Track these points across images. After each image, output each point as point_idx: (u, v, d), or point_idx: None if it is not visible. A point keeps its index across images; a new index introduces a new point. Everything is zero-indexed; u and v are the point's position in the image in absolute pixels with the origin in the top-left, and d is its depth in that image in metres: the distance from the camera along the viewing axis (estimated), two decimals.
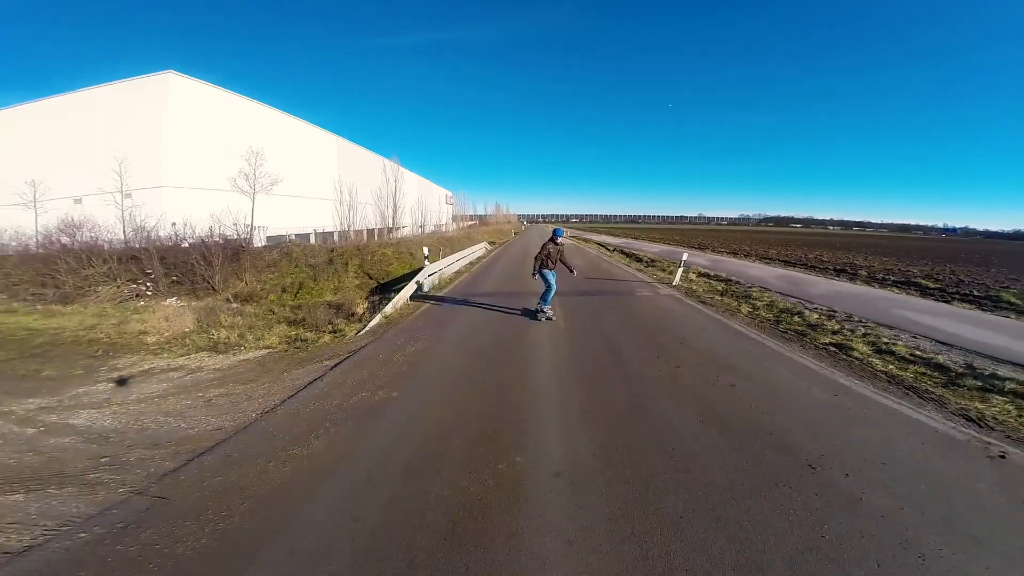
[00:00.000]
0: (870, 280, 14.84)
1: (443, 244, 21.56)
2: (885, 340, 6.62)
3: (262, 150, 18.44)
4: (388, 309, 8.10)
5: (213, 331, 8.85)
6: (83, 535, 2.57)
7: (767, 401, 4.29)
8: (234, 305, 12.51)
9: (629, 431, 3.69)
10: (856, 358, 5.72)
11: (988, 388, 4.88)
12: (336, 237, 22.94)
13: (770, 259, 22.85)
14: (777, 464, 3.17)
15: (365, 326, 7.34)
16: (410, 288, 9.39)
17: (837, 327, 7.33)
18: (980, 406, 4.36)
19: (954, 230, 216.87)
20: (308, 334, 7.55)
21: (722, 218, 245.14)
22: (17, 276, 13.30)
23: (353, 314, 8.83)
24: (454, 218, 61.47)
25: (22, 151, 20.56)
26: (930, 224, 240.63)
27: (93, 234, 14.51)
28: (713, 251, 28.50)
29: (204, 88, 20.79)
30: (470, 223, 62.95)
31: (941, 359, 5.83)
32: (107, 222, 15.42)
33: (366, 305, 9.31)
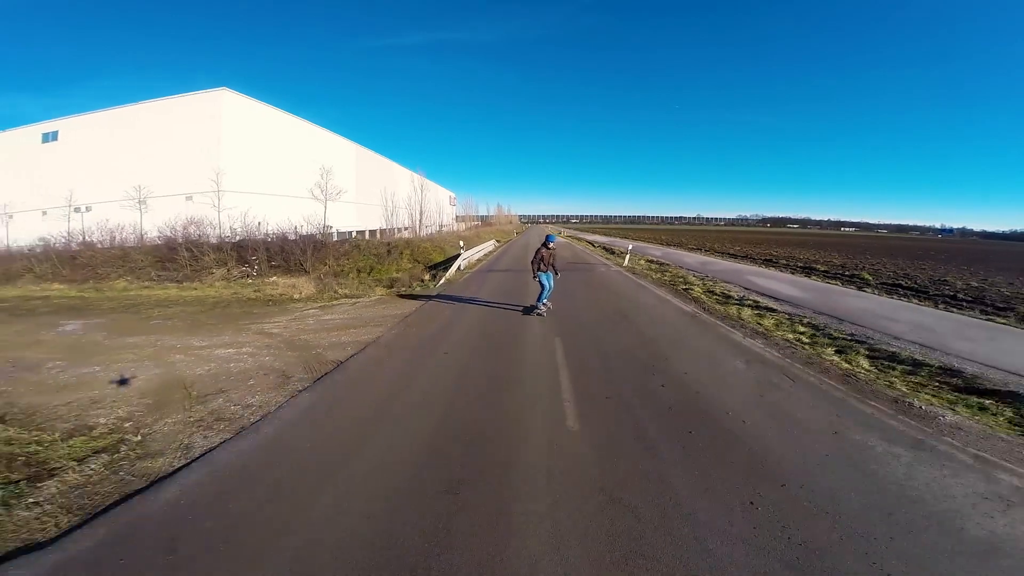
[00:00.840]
0: (778, 266, 20.65)
1: (462, 240, 27.49)
2: (716, 288, 12.47)
3: (331, 168, 24.31)
4: (447, 275, 14.06)
5: (336, 290, 14.59)
6: (390, 334, 8.33)
7: (629, 304, 10.21)
8: (327, 279, 18.35)
9: (568, 314, 9.61)
10: (690, 293, 11.57)
11: (738, 303, 10.70)
12: (381, 235, 28.94)
13: (719, 252, 28.78)
14: (614, 317, 9.08)
15: (438, 283, 13.28)
16: (456, 264, 15.37)
17: (698, 283, 13.21)
18: (718, 306, 10.14)
19: (951, 231, 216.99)
20: (404, 288, 13.45)
21: (719, 219, 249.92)
22: (139, 262, 17.87)
23: (423, 280, 14.74)
24: (458, 219, 65.03)
25: (113, 157, 24.80)
26: (928, 225, 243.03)
27: (205, 229, 19.94)
28: (679, 247, 34.49)
29: (252, 104, 24.53)
30: (475, 224, 67.59)
31: (733, 294, 11.65)
32: (195, 218, 19.93)
33: (429, 275, 15.23)
